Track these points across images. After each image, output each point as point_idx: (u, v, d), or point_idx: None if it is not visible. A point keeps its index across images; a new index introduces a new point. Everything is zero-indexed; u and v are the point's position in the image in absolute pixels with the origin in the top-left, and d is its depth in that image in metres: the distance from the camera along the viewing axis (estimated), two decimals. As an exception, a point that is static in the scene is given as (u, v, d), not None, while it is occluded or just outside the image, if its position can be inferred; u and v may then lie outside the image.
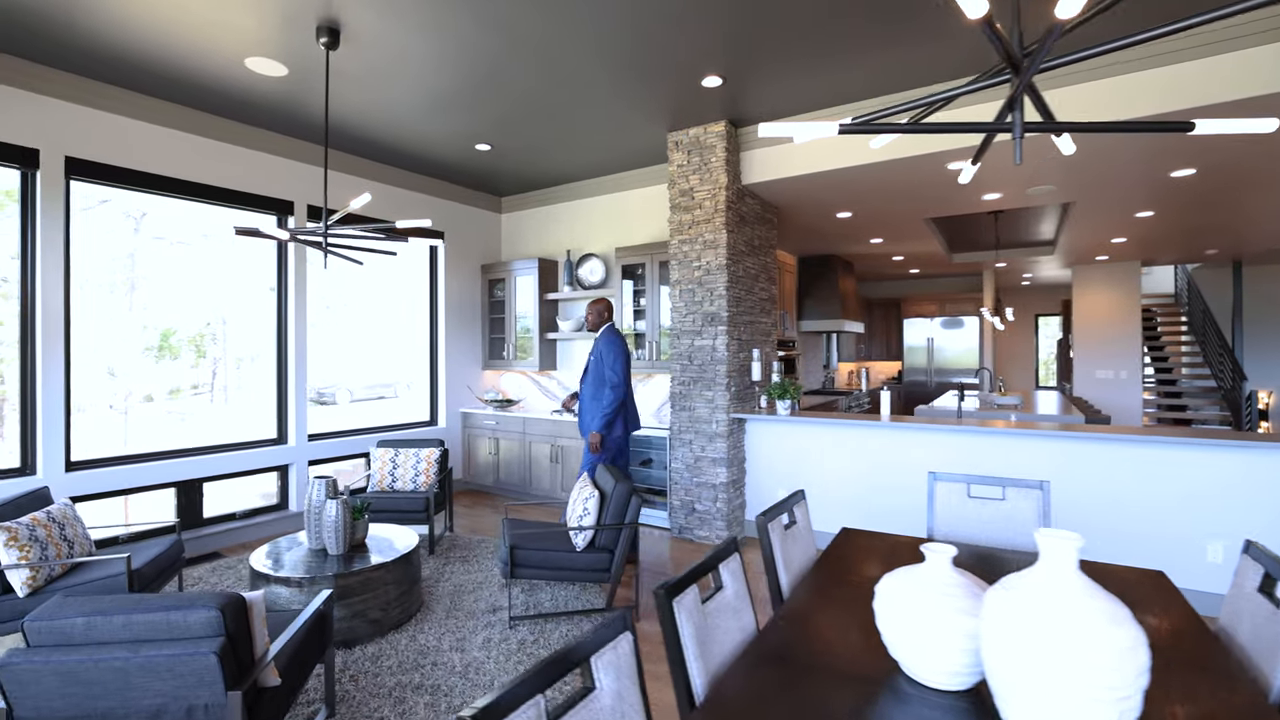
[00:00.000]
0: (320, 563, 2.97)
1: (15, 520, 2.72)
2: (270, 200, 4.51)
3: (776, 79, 3.60)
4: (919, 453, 3.86)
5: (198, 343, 4.30)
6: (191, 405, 4.28)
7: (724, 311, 4.25)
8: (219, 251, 4.31)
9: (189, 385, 4.31)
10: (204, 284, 4.27)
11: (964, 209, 5.07)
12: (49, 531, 2.81)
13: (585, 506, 3.17)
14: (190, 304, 4.24)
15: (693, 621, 1.41)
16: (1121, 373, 7.40)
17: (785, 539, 2.10)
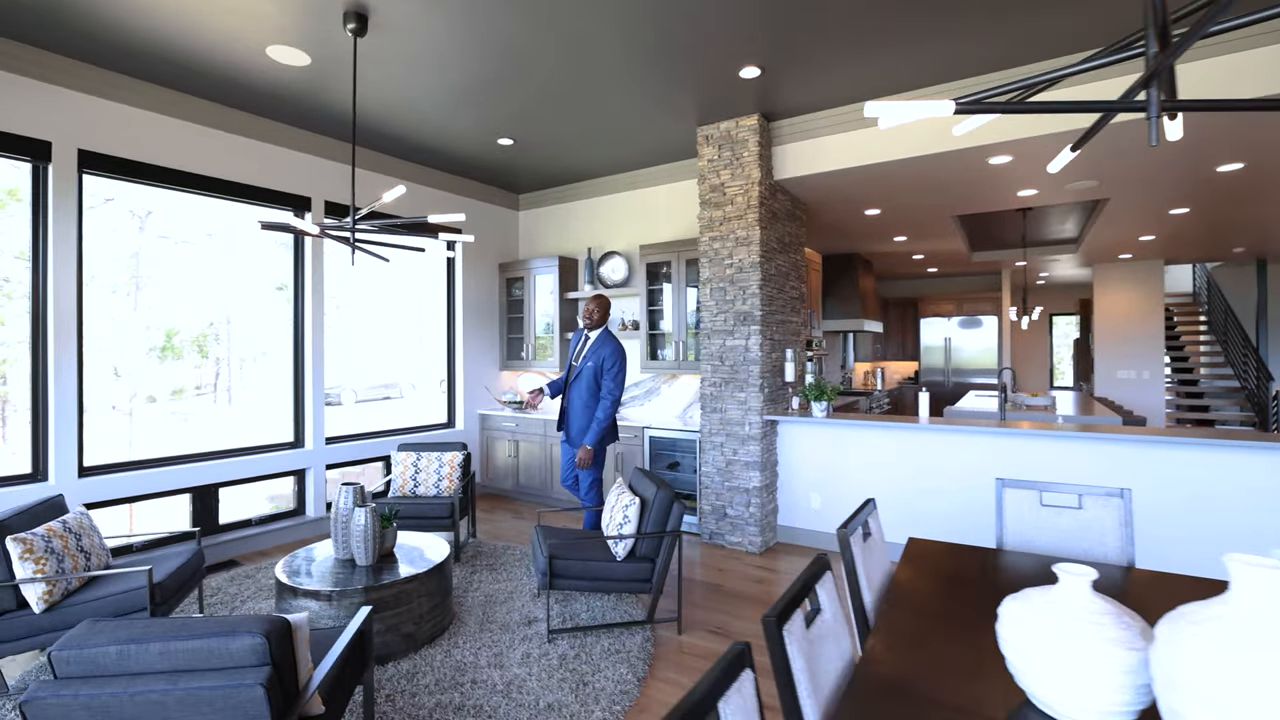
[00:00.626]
0: (349, 574, 2.83)
1: (30, 531, 2.57)
2: (287, 196, 4.37)
3: (820, 68, 3.47)
4: (967, 456, 3.73)
5: (200, 343, 4.14)
6: (194, 406, 4.12)
7: (757, 310, 4.12)
8: (224, 250, 4.15)
9: (193, 386, 4.16)
10: (209, 283, 4.11)
11: (997, 206, 4.95)
12: (65, 543, 2.67)
13: (625, 514, 3.04)
14: (195, 303, 4.08)
15: (803, 653, 1.28)
16: (1144, 373, 7.29)
17: (865, 552, 1.97)
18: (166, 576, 2.73)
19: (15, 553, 2.47)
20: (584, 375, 3.65)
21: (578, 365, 3.70)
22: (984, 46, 3.23)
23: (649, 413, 5.25)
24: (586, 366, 3.64)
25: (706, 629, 3.07)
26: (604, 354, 3.61)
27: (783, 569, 3.85)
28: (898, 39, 3.15)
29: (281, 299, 4.40)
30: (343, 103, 3.92)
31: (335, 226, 2.94)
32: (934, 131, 3.76)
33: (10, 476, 3.33)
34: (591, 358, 3.64)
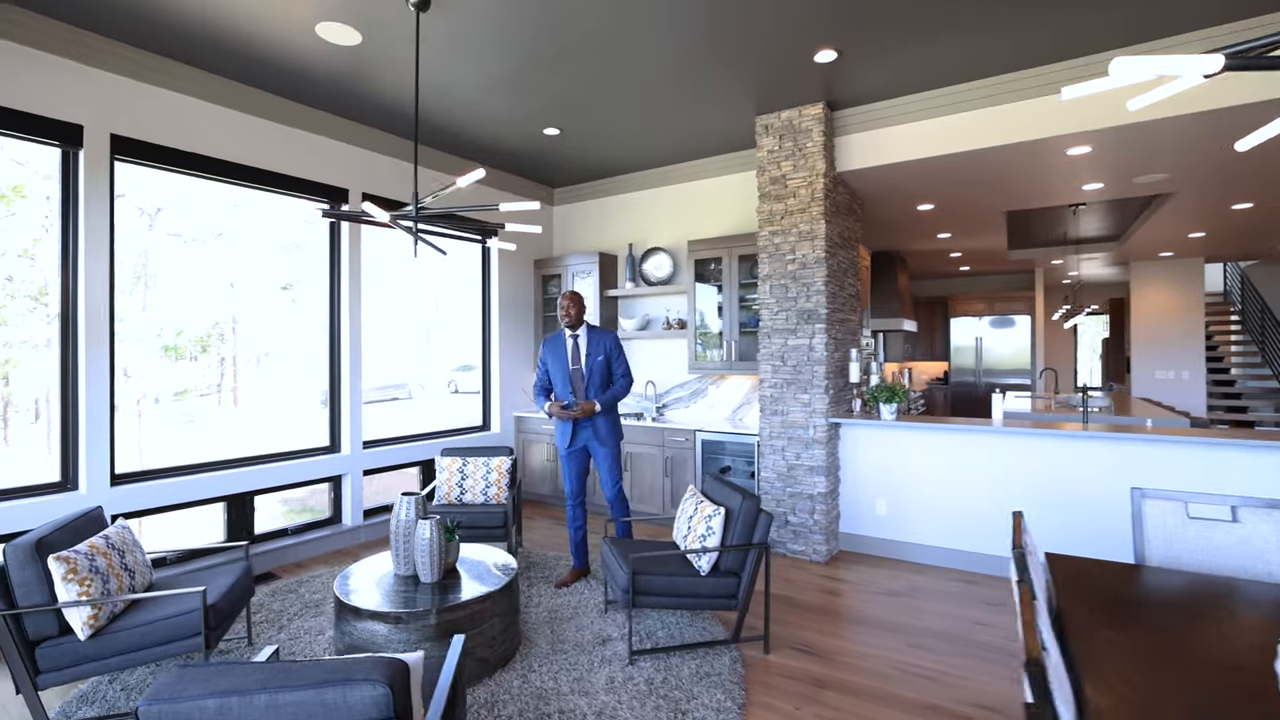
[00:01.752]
0: (414, 592, 2.62)
1: (73, 549, 2.34)
2: (324, 187, 4.14)
3: (900, 51, 3.27)
4: (1047, 460, 3.55)
5: (204, 343, 3.87)
6: (199, 408, 3.85)
7: (822, 308, 3.93)
8: (234, 250, 3.87)
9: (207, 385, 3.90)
10: (216, 283, 3.82)
11: (1058, 200, 4.79)
12: (109, 560, 2.44)
13: (708, 525, 2.83)
14: (202, 303, 3.80)
15: (1066, 703, 1.08)
16: (1183, 373, 7.16)
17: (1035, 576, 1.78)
18: (220, 597, 2.51)
19: (58, 573, 2.25)
20: (596, 371, 3.53)
21: (585, 364, 3.53)
22: (1091, 28, 3.05)
23: (695, 415, 5.06)
24: (597, 361, 3.53)
25: (792, 647, 2.87)
26: (608, 343, 3.55)
27: (854, 579, 3.66)
28: (998, 16, 2.96)
29: (286, 299, 4.12)
30: (388, 87, 3.70)
31: (400, 215, 2.73)
32: (1010, 121, 3.58)
33: (38, 486, 3.09)
34: (597, 352, 3.54)
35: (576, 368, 3.55)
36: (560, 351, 3.60)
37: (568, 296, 3.56)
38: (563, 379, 3.56)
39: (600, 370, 3.54)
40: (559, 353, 3.60)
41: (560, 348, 3.61)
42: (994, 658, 2.74)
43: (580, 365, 3.55)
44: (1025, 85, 3.53)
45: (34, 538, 2.28)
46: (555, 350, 3.62)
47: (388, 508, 4.64)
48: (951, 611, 3.21)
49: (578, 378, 3.55)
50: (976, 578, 3.63)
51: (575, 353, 3.57)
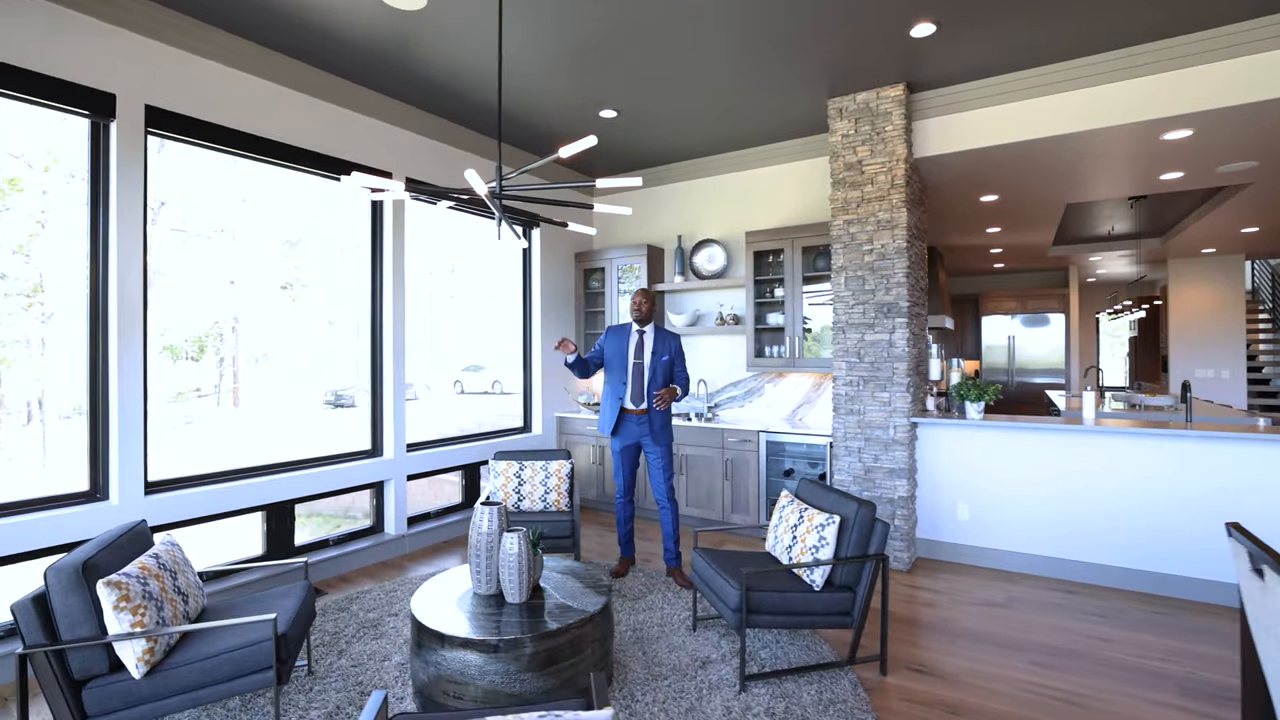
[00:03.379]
0: (502, 615, 2.34)
1: (123, 572, 2.03)
2: (367, 170, 3.83)
3: (1001, 26, 3.05)
4: (1148, 463, 3.34)
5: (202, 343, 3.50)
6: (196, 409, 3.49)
7: (903, 301, 3.71)
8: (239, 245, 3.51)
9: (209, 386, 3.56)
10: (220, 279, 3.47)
11: (1127, 191, 4.61)
12: (162, 584, 2.14)
13: (821, 535, 2.59)
14: (206, 300, 3.45)
15: None
16: (1224, 372, 7.06)
17: (1263, 602, 1.55)
18: (289, 624, 2.21)
19: (109, 601, 1.94)
20: (660, 371, 3.50)
21: (648, 362, 3.50)
22: (1202, 2, 2.85)
23: (750, 414, 4.81)
24: (661, 361, 3.51)
25: (907, 667, 2.64)
26: (673, 345, 3.56)
27: (943, 589, 3.43)
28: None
29: (288, 297, 3.76)
30: (445, 62, 3.41)
31: (487, 194, 2.45)
32: (1108, 103, 3.38)
33: (63, 496, 2.76)
34: (663, 352, 3.51)
35: (639, 362, 3.51)
36: (623, 343, 3.57)
37: (641, 293, 3.55)
38: (620, 369, 3.53)
39: (663, 371, 3.52)
40: (621, 344, 3.57)
41: (624, 339, 3.57)
42: (1133, 678, 2.52)
43: (643, 360, 3.51)
44: (1125, 64, 3.33)
45: (79, 559, 1.98)
46: (618, 340, 3.58)
47: (427, 515, 4.34)
48: (1064, 625, 2.99)
49: (638, 373, 3.50)
50: (1077, 587, 3.42)
51: (639, 348, 3.54)
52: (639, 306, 3.52)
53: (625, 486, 3.61)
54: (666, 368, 3.52)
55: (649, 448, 3.53)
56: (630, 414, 3.51)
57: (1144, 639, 2.84)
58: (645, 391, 3.49)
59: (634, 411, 3.50)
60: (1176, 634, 2.88)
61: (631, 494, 3.64)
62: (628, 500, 3.63)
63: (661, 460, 3.51)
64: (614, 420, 3.51)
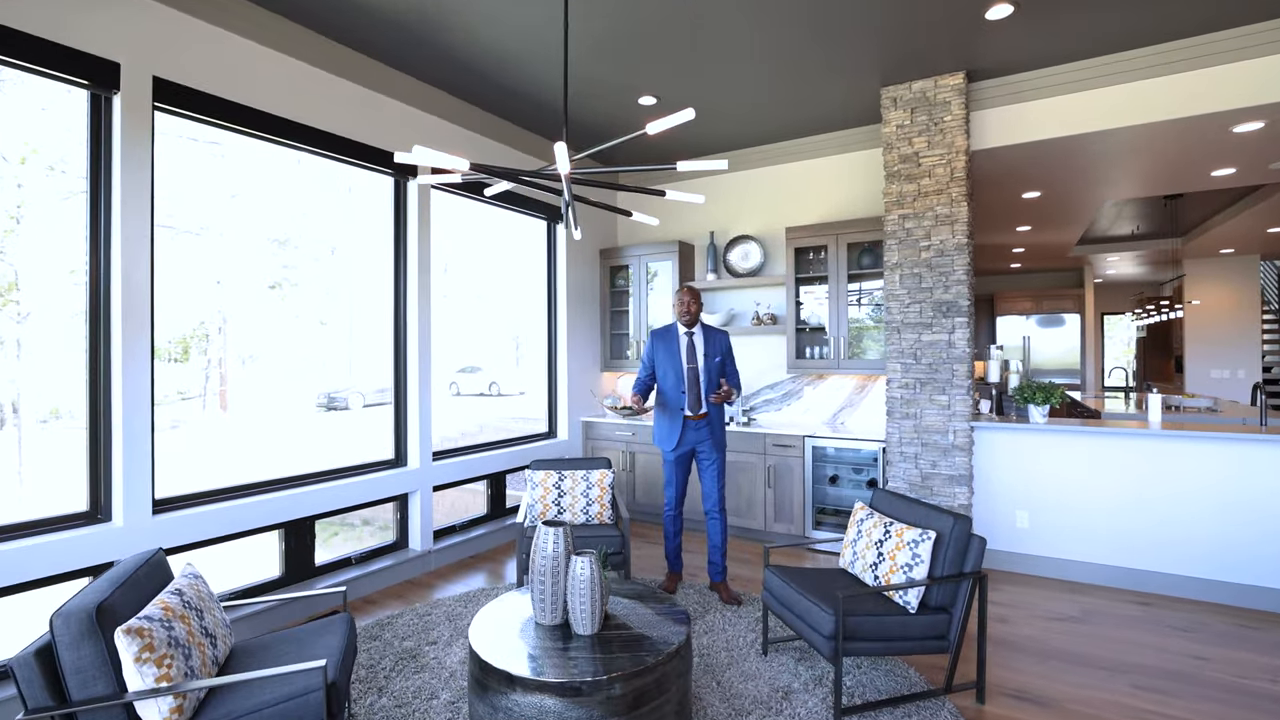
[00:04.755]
0: (570, 648, 2.08)
1: (143, 616, 1.73)
2: (390, 157, 3.53)
3: (1078, 9, 2.88)
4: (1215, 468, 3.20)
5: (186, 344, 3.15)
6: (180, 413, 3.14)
7: (963, 300, 3.53)
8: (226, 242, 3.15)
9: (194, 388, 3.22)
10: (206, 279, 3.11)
11: (1177, 188, 4.51)
12: (188, 626, 1.84)
13: (914, 553, 2.38)
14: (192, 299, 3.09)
15: None
16: (1239, 371, 7.07)
17: None
18: (337, 670, 1.92)
19: (130, 652, 1.64)
20: (714, 372, 3.32)
21: (701, 364, 3.30)
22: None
23: (788, 418, 4.60)
24: (714, 363, 3.32)
25: (1003, 693, 2.44)
26: (724, 344, 3.37)
27: (1012, 602, 3.25)
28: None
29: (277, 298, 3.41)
30: (476, 39, 3.13)
31: (551, 176, 2.19)
32: (1177, 94, 3.24)
33: (58, 518, 2.43)
34: (714, 353, 3.33)
35: (693, 366, 3.31)
36: (674, 348, 3.36)
37: (689, 291, 3.34)
38: (675, 377, 3.32)
39: (716, 373, 3.34)
40: (672, 349, 3.36)
41: (674, 343, 3.36)
42: (1249, 703, 2.35)
43: (697, 364, 3.31)
44: (1198, 53, 3.19)
45: (91, 602, 1.67)
46: (668, 345, 3.37)
47: (452, 528, 4.05)
48: (1151, 642, 2.82)
49: (694, 378, 3.30)
50: (1152, 599, 3.27)
51: (691, 351, 3.33)
52: (688, 308, 3.30)
53: (677, 497, 3.39)
54: (718, 369, 3.33)
55: (705, 454, 3.32)
56: (690, 421, 3.30)
57: (1241, 657, 2.69)
58: (703, 397, 3.29)
59: (693, 418, 3.29)
60: (1272, 650, 2.73)
61: (683, 505, 3.41)
62: (678, 513, 3.41)
63: (717, 466, 3.31)
64: (678, 433, 3.28)
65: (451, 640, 2.82)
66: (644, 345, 3.40)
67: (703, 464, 3.33)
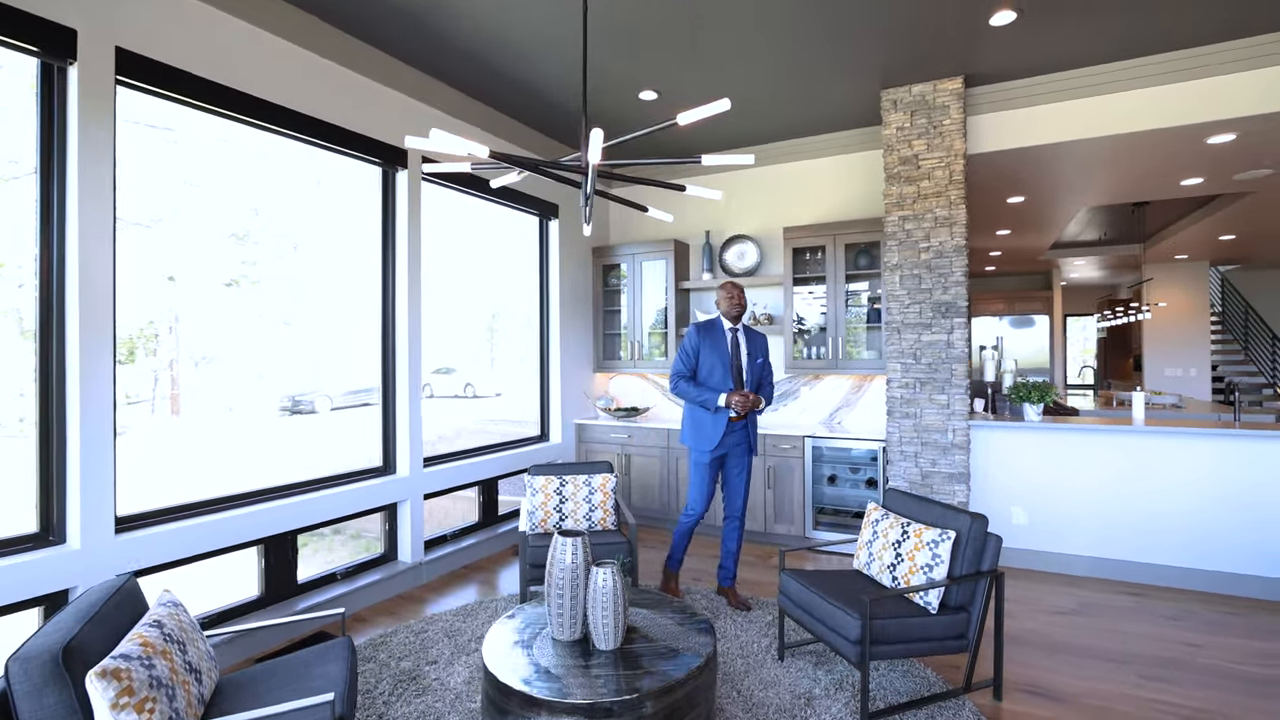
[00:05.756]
0: (592, 664, 1.97)
1: (119, 654, 1.52)
2: (378, 145, 3.33)
3: (1080, 16, 2.93)
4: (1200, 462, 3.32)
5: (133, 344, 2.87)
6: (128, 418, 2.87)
7: (961, 300, 3.57)
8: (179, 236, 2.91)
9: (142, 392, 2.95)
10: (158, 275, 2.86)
11: (1148, 195, 4.69)
12: (171, 663, 1.64)
13: (934, 553, 2.36)
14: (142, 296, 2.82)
15: None
16: (1191, 370, 7.46)
17: None
18: (344, 704, 1.75)
19: (105, 698, 1.43)
20: (757, 374, 3.19)
21: (745, 364, 3.16)
22: None
23: (785, 418, 4.58)
24: (758, 364, 3.20)
25: (1018, 689, 2.45)
26: (765, 347, 3.25)
27: (1015, 597, 3.30)
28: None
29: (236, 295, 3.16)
30: (481, 28, 2.98)
31: (572, 169, 2.07)
32: (1162, 105, 3.35)
33: (4, 541, 2.16)
34: (758, 354, 3.20)
35: (738, 364, 3.16)
36: (721, 343, 3.18)
37: (733, 285, 3.20)
38: (723, 373, 3.13)
39: (758, 375, 3.20)
40: (720, 344, 3.17)
41: (721, 339, 3.18)
42: (1246, 689, 2.42)
43: (741, 362, 3.17)
44: (1180, 66, 3.30)
45: (56, 643, 1.46)
46: (715, 341, 3.18)
47: (444, 538, 3.85)
48: (1148, 632, 2.89)
49: (740, 377, 3.16)
50: (1141, 589, 3.36)
51: (736, 348, 3.18)
52: (738, 300, 3.14)
53: (704, 501, 3.17)
54: (760, 371, 3.19)
55: (738, 458, 3.18)
56: (733, 423, 3.14)
57: (1231, 642, 2.78)
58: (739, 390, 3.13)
59: (738, 419, 3.14)
60: (1259, 635, 2.84)
61: (706, 510, 3.21)
62: (698, 520, 3.21)
63: (747, 471, 3.21)
64: (720, 433, 3.08)
65: (453, 659, 2.66)
66: (686, 337, 3.20)
67: (733, 468, 3.19)
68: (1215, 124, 3.34)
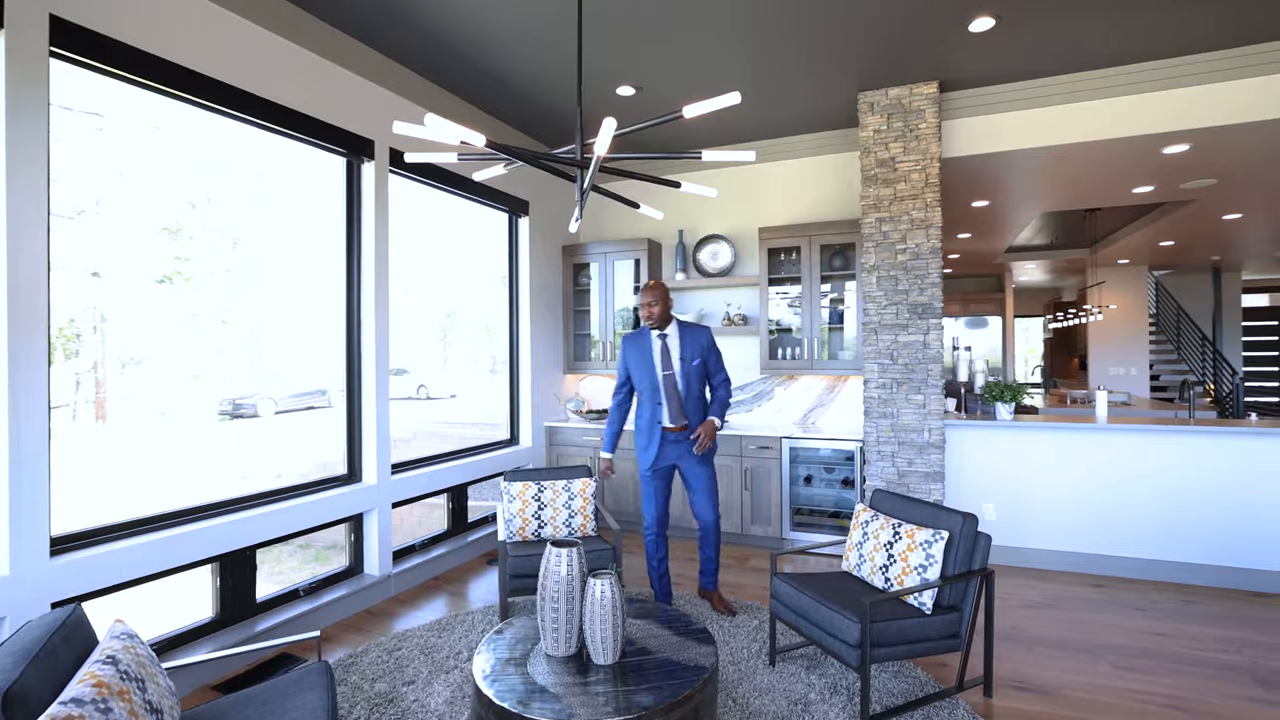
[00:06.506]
0: (591, 680, 1.89)
1: (70, 699, 1.33)
2: (343, 135, 3.14)
3: (1056, 25, 3.03)
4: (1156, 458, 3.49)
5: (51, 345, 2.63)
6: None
7: (937, 302, 3.64)
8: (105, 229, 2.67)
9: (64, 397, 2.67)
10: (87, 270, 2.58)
11: (1102, 202, 4.92)
12: (129, 704, 1.46)
13: (928, 554, 2.37)
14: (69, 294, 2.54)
15: None
16: (1132, 369, 7.92)
17: None
18: (328, 732, 1.61)
19: (56, 744, 1.26)
20: (694, 377, 3.02)
21: (679, 369, 2.99)
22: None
23: (759, 419, 4.58)
24: (693, 366, 3.00)
25: (1005, 684, 2.50)
26: (703, 342, 3.03)
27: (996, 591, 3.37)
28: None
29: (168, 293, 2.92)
30: (448, 14, 2.83)
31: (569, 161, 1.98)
32: (1126, 114, 3.50)
33: (-80, 567, 1.91)
34: (693, 354, 3.00)
35: (669, 373, 2.99)
36: (646, 352, 3.03)
37: (649, 290, 2.98)
38: (651, 387, 3.00)
39: (697, 376, 3.02)
40: (644, 354, 3.03)
41: (645, 347, 3.04)
42: (1212, 674, 2.54)
43: (673, 369, 2.99)
44: (1145, 78, 3.45)
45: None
46: (640, 351, 3.04)
47: (411, 548, 3.67)
48: (1115, 622, 3.01)
49: (670, 386, 2.98)
50: (1105, 581, 3.50)
51: (665, 355, 3.00)
52: (650, 309, 2.96)
53: (659, 517, 3.06)
54: (700, 371, 3.02)
55: (691, 468, 3.02)
56: (669, 434, 3.00)
57: (1193, 630, 2.91)
58: (684, 406, 2.99)
59: (673, 430, 2.99)
60: (1217, 622, 2.98)
61: (666, 525, 3.10)
62: (660, 534, 3.08)
63: (706, 482, 3.02)
64: (656, 446, 2.99)
65: (431, 678, 2.51)
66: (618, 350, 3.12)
67: (691, 480, 3.03)
68: (1172, 134, 3.50)
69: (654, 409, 3.01)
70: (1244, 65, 3.28)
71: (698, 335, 3.04)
